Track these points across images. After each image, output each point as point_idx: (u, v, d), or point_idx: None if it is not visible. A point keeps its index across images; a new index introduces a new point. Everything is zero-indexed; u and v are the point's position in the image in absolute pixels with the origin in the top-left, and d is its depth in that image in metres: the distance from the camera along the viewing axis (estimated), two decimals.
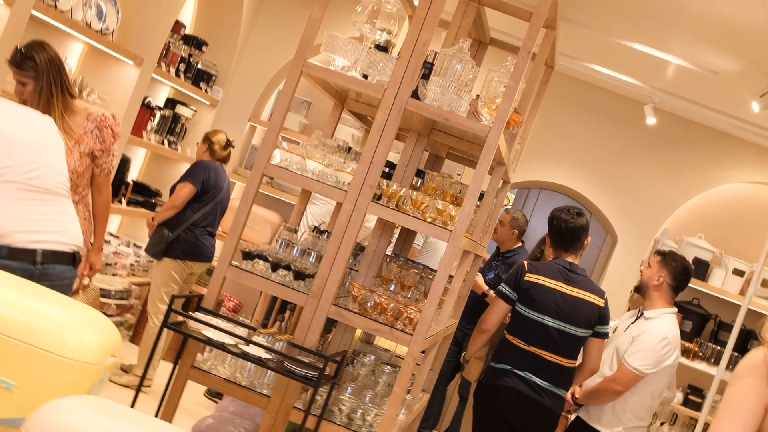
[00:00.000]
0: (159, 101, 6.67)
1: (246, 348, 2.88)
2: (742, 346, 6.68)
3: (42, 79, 3.52)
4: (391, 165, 3.77)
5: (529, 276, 4.25)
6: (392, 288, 3.31)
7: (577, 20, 5.51)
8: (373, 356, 3.61)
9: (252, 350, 2.88)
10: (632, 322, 4.35)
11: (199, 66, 6.66)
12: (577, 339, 4.24)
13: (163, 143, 6.40)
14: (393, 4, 3.21)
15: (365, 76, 3.16)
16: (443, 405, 6.15)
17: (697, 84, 6.09)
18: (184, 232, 5.45)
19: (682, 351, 6.33)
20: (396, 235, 4.27)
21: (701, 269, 6.80)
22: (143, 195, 6.36)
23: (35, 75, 3.52)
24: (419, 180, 3.54)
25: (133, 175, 6.74)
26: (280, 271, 3.17)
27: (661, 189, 7.24)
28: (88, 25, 4.87)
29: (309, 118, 7.41)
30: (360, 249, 3.63)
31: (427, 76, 3.12)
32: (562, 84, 7.09)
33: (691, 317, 6.83)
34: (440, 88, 3.04)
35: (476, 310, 5.14)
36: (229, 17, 7.00)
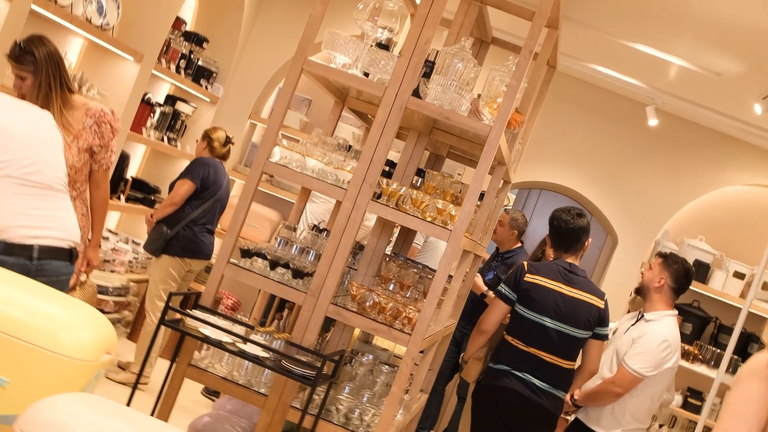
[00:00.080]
0: (159, 98, 6.66)
1: (243, 346, 2.86)
2: (743, 349, 6.66)
3: (41, 74, 3.49)
4: (392, 164, 3.75)
5: (529, 276, 4.24)
6: (391, 287, 3.29)
7: (580, 20, 5.49)
8: (372, 356, 3.59)
9: (249, 349, 2.86)
10: (632, 324, 4.34)
11: (200, 63, 6.64)
12: (577, 340, 4.22)
13: (163, 140, 6.38)
14: (395, 2, 3.19)
15: (366, 74, 3.14)
16: (441, 405, 6.13)
17: (700, 85, 6.07)
18: (183, 230, 5.43)
19: (682, 353, 6.31)
20: (396, 235, 4.25)
21: (702, 271, 6.78)
22: (142, 192, 6.34)
23: (34, 69, 3.50)
24: (419, 179, 3.52)
25: (133, 172, 6.72)
26: (279, 270, 3.15)
27: (662, 190, 7.22)
28: (89, 21, 4.85)
29: (309, 116, 7.39)
30: (359, 248, 3.61)
31: (429, 75, 3.10)
32: (564, 84, 7.07)
33: (691, 320, 6.81)
34: (441, 87, 3.02)
35: (475, 311, 5.12)
36: (230, 14, 6.99)
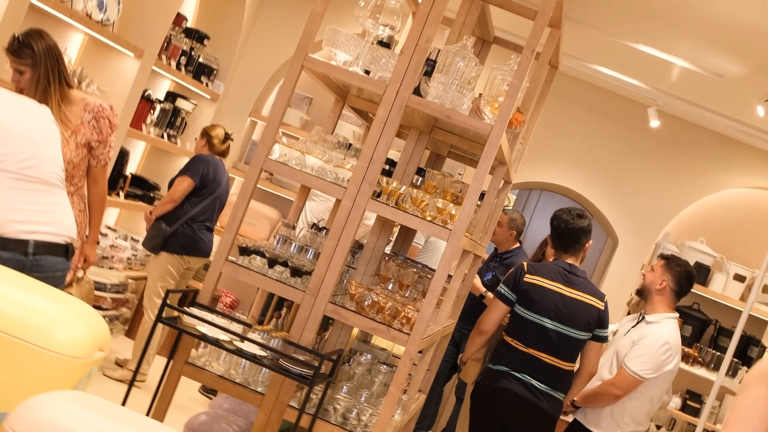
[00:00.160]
0: (159, 94, 6.63)
1: (241, 345, 2.84)
2: (743, 352, 6.64)
3: (39, 68, 3.47)
4: (392, 163, 3.73)
5: (529, 277, 4.22)
6: (390, 287, 3.27)
7: (582, 20, 5.47)
8: (370, 355, 3.57)
9: (247, 347, 2.84)
10: (633, 326, 4.32)
11: (201, 60, 6.62)
12: (576, 342, 4.20)
13: (163, 137, 6.36)
14: (396, 0, 3.17)
15: (367, 72, 3.12)
16: (440, 405, 6.11)
17: (702, 87, 6.05)
18: (182, 227, 5.41)
19: (682, 356, 6.29)
20: (396, 234, 4.23)
21: (702, 274, 6.76)
22: (141, 188, 6.31)
23: (33, 63, 3.47)
24: (420, 178, 3.49)
25: (132, 168, 6.69)
26: (277, 268, 3.13)
27: (663, 192, 7.19)
28: (89, 16, 4.82)
29: (310, 115, 7.37)
30: (358, 247, 3.59)
31: (430, 74, 3.07)
32: (566, 84, 7.04)
33: (691, 322, 6.79)
34: (443, 86, 3.00)
35: (474, 311, 5.11)
36: (232, 11, 6.96)
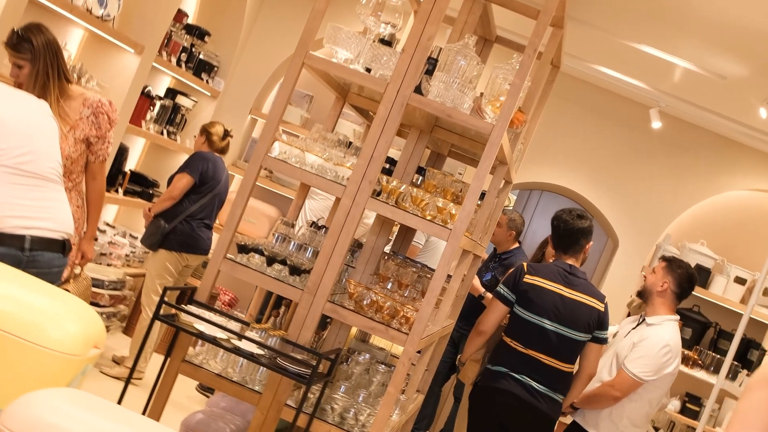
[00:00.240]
0: (159, 91, 6.61)
1: (238, 343, 2.82)
2: (742, 355, 6.62)
3: (39, 63, 3.45)
4: (392, 161, 3.71)
5: (528, 278, 4.20)
6: (389, 286, 3.25)
7: (585, 20, 5.44)
8: (368, 355, 3.55)
9: (244, 345, 2.82)
10: (633, 328, 4.30)
11: (201, 56, 6.59)
12: (576, 343, 4.18)
13: (163, 133, 6.34)
14: None
15: (368, 70, 3.10)
16: (437, 406, 6.10)
17: (705, 88, 6.03)
18: (181, 224, 5.39)
19: (681, 358, 6.27)
20: (395, 233, 4.21)
21: (702, 276, 6.74)
22: (140, 185, 6.29)
23: (32, 58, 3.45)
24: (420, 177, 3.47)
25: (131, 165, 6.67)
26: (276, 266, 3.11)
27: (665, 194, 7.17)
28: (89, 11, 4.80)
29: (311, 113, 7.35)
30: (358, 246, 3.57)
31: (431, 72, 3.05)
32: (567, 85, 7.02)
33: (691, 324, 6.77)
34: (444, 84, 2.98)
35: (473, 311, 5.09)
36: (233, 8, 6.94)
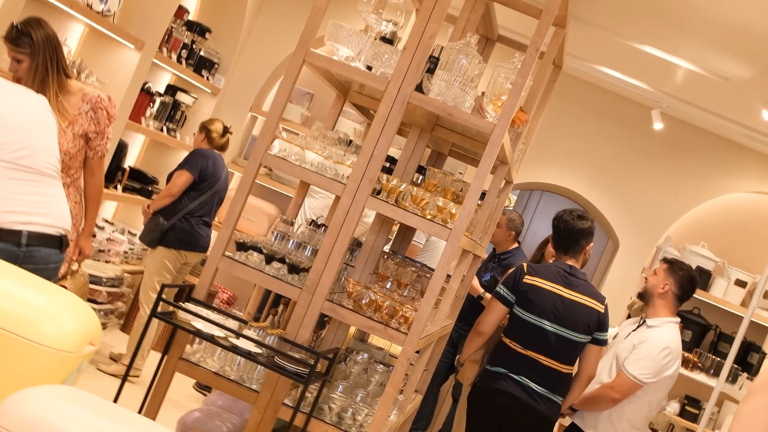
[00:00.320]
0: (159, 87, 6.59)
1: (236, 341, 2.80)
2: (742, 358, 6.60)
3: (38, 57, 3.43)
4: (392, 160, 3.69)
5: (528, 278, 4.18)
6: (388, 285, 3.23)
7: (587, 20, 5.42)
8: (367, 354, 3.53)
9: (242, 344, 2.80)
10: (634, 330, 4.28)
11: (202, 53, 6.57)
12: (575, 344, 4.16)
13: (162, 130, 6.32)
14: None
15: (369, 68, 3.08)
16: (436, 406, 6.08)
17: (707, 89, 6.01)
18: (180, 221, 5.37)
19: (681, 361, 6.25)
20: (395, 232, 4.18)
21: (703, 278, 6.72)
22: (140, 182, 6.27)
23: (31, 52, 3.43)
24: (420, 176, 3.45)
25: (131, 162, 6.65)
26: (275, 264, 3.09)
27: (666, 195, 7.15)
28: (89, 6, 4.78)
29: (311, 111, 7.33)
30: (357, 245, 3.55)
31: (432, 71, 3.03)
32: (569, 85, 7.00)
33: (691, 327, 6.76)
34: (445, 83, 2.96)
35: (472, 312, 5.07)
36: (234, 5, 6.92)
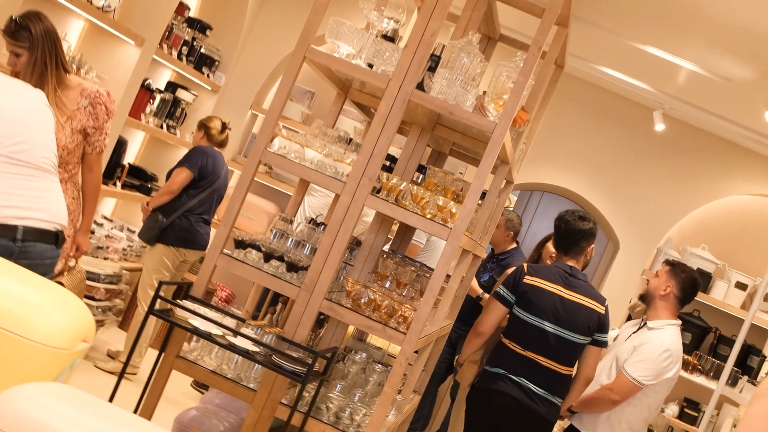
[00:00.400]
0: (159, 84, 6.56)
1: (233, 339, 2.78)
2: (742, 361, 6.58)
3: (37, 51, 3.40)
4: (393, 159, 3.67)
5: (528, 279, 4.16)
6: (388, 285, 3.21)
7: (590, 20, 5.40)
8: (365, 354, 3.51)
9: (240, 342, 2.77)
10: (634, 332, 4.26)
11: (202, 50, 6.55)
12: (575, 345, 4.13)
13: (162, 127, 6.29)
14: None
15: (370, 66, 3.06)
16: (434, 406, 6.06)
17: (709, 91, 5.98)
18: (179, 219, 5.35)
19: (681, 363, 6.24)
20: (395, 231, 4.16)
21: (703, 281, 6.70)
22: (139, 179, 6.25)
23: (30, 46, 3.41)
24: (420, 175, 3.43)
25: (130, 158, 6.62)
26: (273, 262, 3.07)
27: (667, 197, 7.13)
28: (89, 2, 4.75)
29: (312, 109, 7.30)
30: (356, 243, 3.53)
31: (434, 69, 3.01)
32: (571, 85, 6.98)
33: (691, 329, 6.74)
34: (446, 81, 2.94)
35: (471, 312, 5.05)
36: (235, 2, 6.89)
